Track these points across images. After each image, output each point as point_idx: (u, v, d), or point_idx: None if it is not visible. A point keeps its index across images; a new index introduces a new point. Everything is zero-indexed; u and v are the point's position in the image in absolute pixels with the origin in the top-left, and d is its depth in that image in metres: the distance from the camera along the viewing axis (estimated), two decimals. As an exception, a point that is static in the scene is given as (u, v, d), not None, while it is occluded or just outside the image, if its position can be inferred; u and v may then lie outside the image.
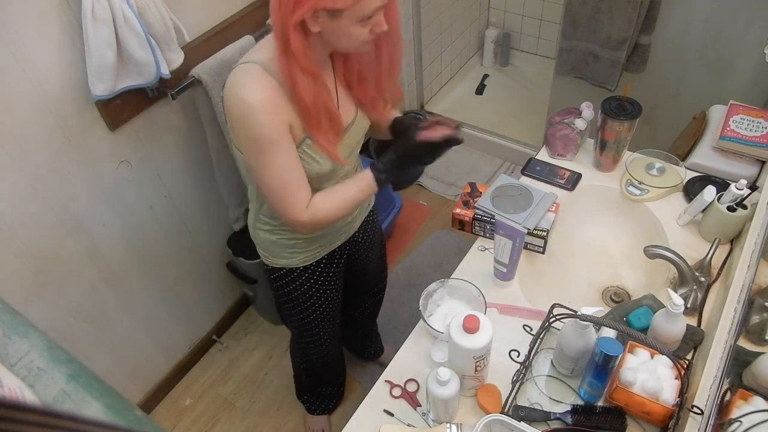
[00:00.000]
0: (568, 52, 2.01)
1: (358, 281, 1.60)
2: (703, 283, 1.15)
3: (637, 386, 0.94)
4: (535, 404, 1.02)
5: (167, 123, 1.60)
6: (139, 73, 1.33)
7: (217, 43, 1.54)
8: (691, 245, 1.26)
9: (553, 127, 1.48)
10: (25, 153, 1.29)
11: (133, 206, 1.61)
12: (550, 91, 2.29)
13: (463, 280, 1.14)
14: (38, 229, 1.39)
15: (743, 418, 0.86)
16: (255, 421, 1.94)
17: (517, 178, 1.41)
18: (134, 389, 1.91)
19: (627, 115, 1.31)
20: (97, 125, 1.42)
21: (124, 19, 1.22)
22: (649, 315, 1.09)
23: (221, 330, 2.17)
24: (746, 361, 0.98)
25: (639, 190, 1.36)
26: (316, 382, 1.78)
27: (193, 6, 1.50)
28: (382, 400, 1.07)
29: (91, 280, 1.58)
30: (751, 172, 1.35)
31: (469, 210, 1.32)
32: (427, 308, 1.15)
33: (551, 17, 3.00)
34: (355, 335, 1.93)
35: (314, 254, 1.30)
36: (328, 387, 1.81)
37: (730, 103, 1.45)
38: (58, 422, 0.24)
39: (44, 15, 1.20)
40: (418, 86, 2.81)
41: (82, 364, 0.54)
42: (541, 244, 1.27)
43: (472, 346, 0.91)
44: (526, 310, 1.18)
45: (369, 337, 1.93)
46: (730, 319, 0.96)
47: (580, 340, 0.97)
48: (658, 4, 1.80)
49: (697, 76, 1.92)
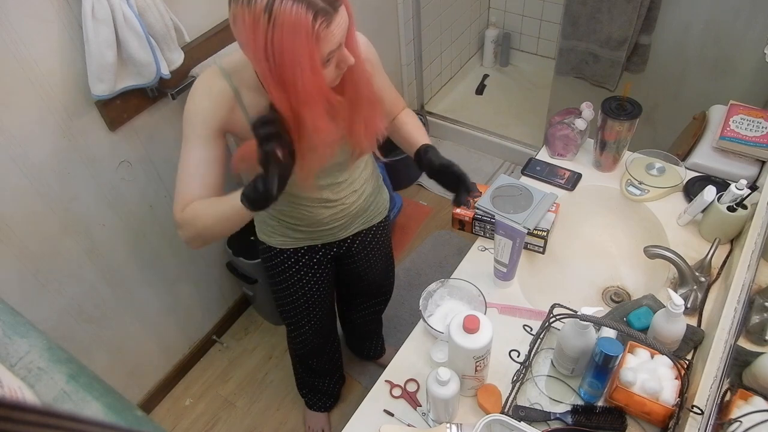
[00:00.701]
0: (568, 52, 2.01)
1: (355, 287, 1.60)
2: (703, 283, 1.15)
3: (637, 386, 0.94)
4: (535, 404, 1.02)
5: (167, 123, 1.60)
6: (139, 73, 1.33)
7: (217, 43, 1.54)
8: (691, 245, 1.26)
9: (553, 127, 1.48)
10: (25, 153, 1.29)
11: (133, 206, 1.61)
12: (550, 91, 2.29)
13: (463, 280, 1.14)
14: (38, 229, 1.39)
15: (743, 418, 0.86)
16: (255, 421, 1.94)
17: (517, 178, 1.41)
18: (134, 389, 1.91)
19: (627, 115, 1.31)
20: (97, 125, 1.42)
21: (124, 19, 1.22)
22: (649, 315, 1.09)
23: (221, 330, 2.17)
24: (746, 361, 0.98)
25: (639, 190, 1.36)
26: (308, 374, 1.78)
27: (193, 6, 1.50)
28: (382, 400, 1.07)
29: (91, 280, 1.58)
30: (751, 172, 1.35)
31: (469, 210, 1.32)
32: (427, 308, 1.15)
33: (551, 17, 3.00)
34: (353, 336, 1.93)
35: (293, 241, 1.31)
36: (322, 380, 1.81)
37: (730, 103, 1.45)
38: (58, 422, 0.24)
39: (44, 15, 1.20)
40: (418, 86, 2.81)
41: (82, 364, 0.54)
42: (541, 244, 1.27)
43: (472, 346, 0.91)
44: (526, 310, 1.18)
45: (368, 339, 1.93)
46: (730, 319, 0.96)
47: (580, 340, 0.97)
48: (658, 4, 1.80)
49: (697, 76, 1.92)
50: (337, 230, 1.31)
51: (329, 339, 1.66)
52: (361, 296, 1.67)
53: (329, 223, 1.27)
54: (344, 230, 1.33)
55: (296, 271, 1.37)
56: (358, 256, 1.45)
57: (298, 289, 1.42)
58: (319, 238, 1.32)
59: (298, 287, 1.41)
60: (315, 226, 1.27)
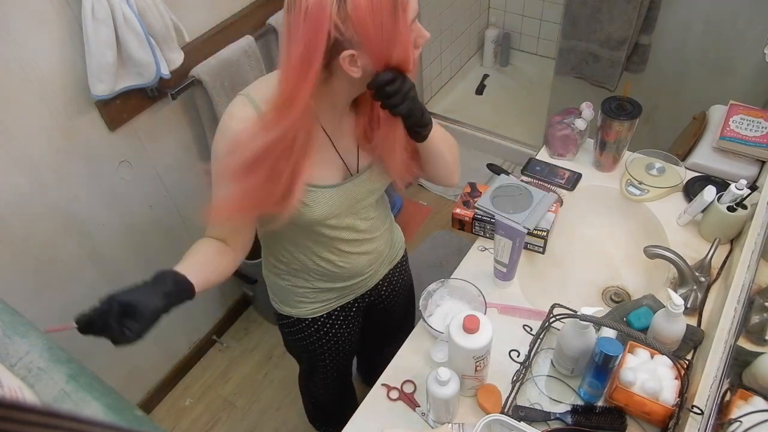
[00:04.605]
0: (568, 52, 2.01)
1: (378, 328, 1.49)
2: (703, 283, 1.15)
3: (637, 386, 0.94)
4: (535, 404, 1.02)
5: (167, 123, 1.60)
6: (139, 73, 1.33)
7: (217, 43, 1.54)
8: (691, 245, 1.26)
9: (553, 127, 1.48)
10: (25, 153, 1.29)
11: (133, 206, 1.61)
12: (550, 91, 2.29)
13: (463, 280, 1.14)
14: (38, 229, 1.39)
15: (743, 418, 0.86)
16: (255, 421, 1.94)
17: (518, 178, 1.41)
18: (134, 389, 1.91)
19: (627, 115, 1.31)
20: (97, 125, 1.42)
21: (124, 19, 1.22)
22: (649, 315, 1.09)
23: (221, 330, 2.17)
24: (746, 361, 0.98)
25: (639, 190, 1.36)
26: (328, 418, 1.69)
27: (193, 6, 1.50)
28: (379, 404, 1.07)
29: (91, 280, 1.58)
30: (751, 172, 1.35)
31: (469, 210, 1.32)
32: (427, 308, 1.15)
33: (551, 17, 3.00)
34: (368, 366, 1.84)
35: (325, 306, 1.21)
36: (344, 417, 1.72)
37: (730, 103, 1.45)
38: (58, 422, 0.24)
39: (44, 15, 1.20)
40: (418, 86, 2.81)
41: (82, 364, 0.54)
42: (541, 244, 1.27)
43: (472, 346, 0.91)
44: (526, 310, 1.18)
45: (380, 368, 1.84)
46: (730, 319, 0.96)
47: (580, 340, 0.97)
48: (658, 4, 1.80)
49: (697, 76, 1.92)
50: (370, 277, 1.22)
51: (346, 382, 1.59)
52: (381, 336, 1.55)
53: (366, 270, 1.17)
54: (375, 275, 1.24)
55: (332, 336, 1.28)
56: (388, 299, 1.36)
57: (332, 353, 1.33)
58: (351, 292, 1.22)
59: (332, 351, 1.32)
60: (353, 278, 1.17)
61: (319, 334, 1.27)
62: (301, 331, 1.26)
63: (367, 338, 1.53)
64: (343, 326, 1.29)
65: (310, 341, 1.28)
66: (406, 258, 1.37)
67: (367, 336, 1.49)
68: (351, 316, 1.29)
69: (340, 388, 1.57)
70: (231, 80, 1.55)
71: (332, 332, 1.28)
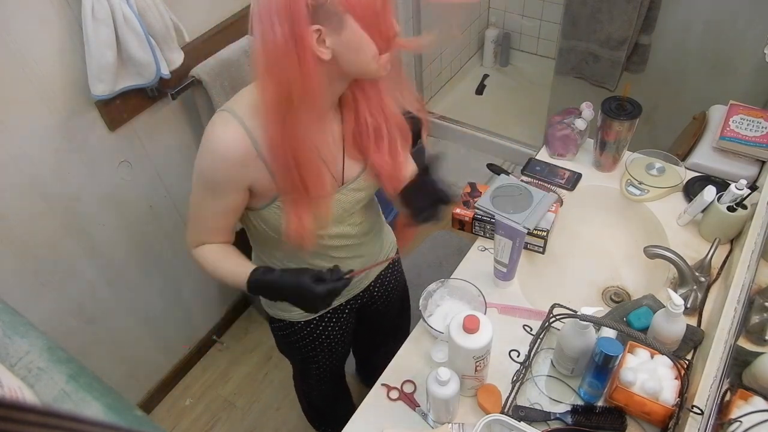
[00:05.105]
0: (568, 52, 2.01)
1: (372, 328, 1.49)
2: (703, 283, 1.15)
3: (637, 386, 0.94)
4: (535, 404, 1.02)
5: (167, 123, 1.60)
6: (139, 73, 1.33)
7: (217, 43, 1.54)
8: (691, 245, 1.26)
9: (553, 127, 1.48)
10: (25, 153, 1.29)
11: (133, 206, 1.61)
12: (550, 91, 2.29)
13: (463, 280, 1.14)
14: (38, 229, 1.39)
15: (743, 418, 0.86)
16: (255, 421, 1.94)
17: (518, 178, 1.41)
18: (134, 389, 1.91)
19: (627, 115, 1.31)
20: (97, 125, 1.42)
21: (124, 19, 1.22)
22: (649, 315, 1.09)
23: (221, 330, 2.17)
24: (746, 361, 0.98)
25: (639, 190, 1.36)
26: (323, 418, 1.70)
27: (193, 6, 1.50)
28: (379, 404, 1.07)
29: (91, 280, 1.58)
30: (751, 172, 1.35)
31: (469, 210, 1.32)
32: (427, 308, 1.15)
33: (551, 17, 3.00)
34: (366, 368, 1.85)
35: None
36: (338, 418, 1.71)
37: (730, 103, 1.45)
38: (58, 422, 0.24)
39: (44, 15, 1.20)
40: (418, 86, 2.81)
41: (82, 364, 0.54)
42: (541, 244, 1.27)
43: (472, 346, 0.91)
44: (526, 310, 1.18)
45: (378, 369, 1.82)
46: (730, 319, 0.96)
47: (580, 340, 0.97)
48: (658, 4, 1.80)
49: (697, 76, 1.92)
50: (362, 280, 1.23)
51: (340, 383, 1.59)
52: (377, 336, 1.55)
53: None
54: (367, 277, 1.25)
55: (325, 338, 1.28)
56: (380, 300, 1.35)
57: (325, 354, 1.33)
58: (344, 294, 1.22)
59: (325, 353, 1.33)
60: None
61: (312, 337, 1.27)
62: (294, 333, 1.26)
63: (361, 339, 1.53)
64: (336, 328, 1.29)
65: (303, 344, 1.28)
66: (398, 258, 1.37)
67: (360, 337, 1.49)
68: (344, 318, 1.29)
69: (333, 389, 1.57)
70: (231, 80, 1.54)
71: (325, 334, 1.28)
